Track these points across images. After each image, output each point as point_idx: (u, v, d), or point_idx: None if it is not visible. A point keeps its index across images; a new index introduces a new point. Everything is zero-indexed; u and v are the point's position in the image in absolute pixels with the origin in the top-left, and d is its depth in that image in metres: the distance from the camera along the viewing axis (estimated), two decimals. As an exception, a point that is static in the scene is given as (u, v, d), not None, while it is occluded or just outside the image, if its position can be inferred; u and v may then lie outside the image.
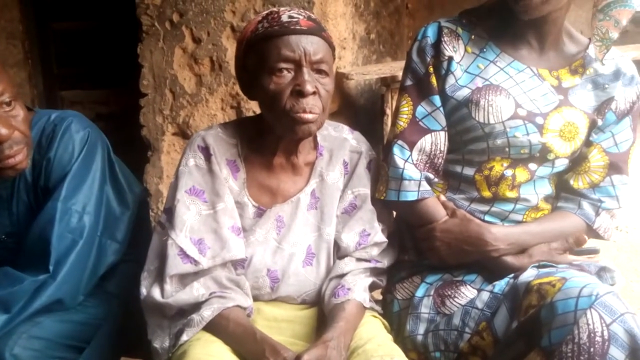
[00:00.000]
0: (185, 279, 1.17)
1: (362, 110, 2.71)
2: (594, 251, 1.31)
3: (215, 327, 1.13)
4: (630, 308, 0.98)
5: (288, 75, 1.15)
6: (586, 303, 0.96)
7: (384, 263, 1.30)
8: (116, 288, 1.46)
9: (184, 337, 1.12)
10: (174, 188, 1.23)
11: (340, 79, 2.46)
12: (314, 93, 1.15)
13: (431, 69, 1.28)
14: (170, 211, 1.21)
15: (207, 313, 1.12)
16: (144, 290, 1.19)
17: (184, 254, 1.16)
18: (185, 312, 1.16)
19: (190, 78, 2.40)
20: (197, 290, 1.16)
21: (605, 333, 0.94)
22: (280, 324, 1.22)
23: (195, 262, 1.16)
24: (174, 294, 1.15)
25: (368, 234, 1.27)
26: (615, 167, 1.29)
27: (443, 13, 1.40)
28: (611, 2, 1.20)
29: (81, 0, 2.93)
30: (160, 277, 1.17)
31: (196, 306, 1.15)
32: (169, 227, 1.19)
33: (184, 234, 1.18)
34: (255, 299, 1.24)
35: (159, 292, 1.16)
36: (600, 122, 1.27)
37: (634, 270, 2.56)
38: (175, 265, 1.16)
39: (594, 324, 0.95)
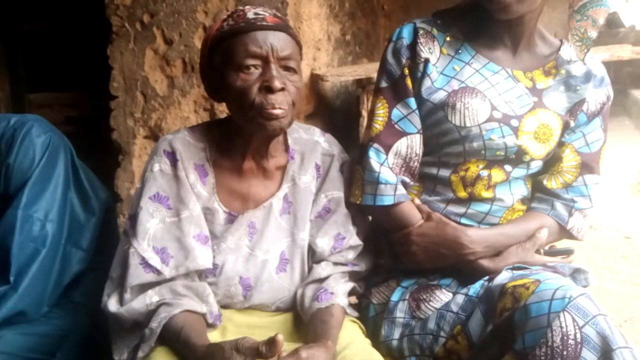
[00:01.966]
0: (146, 289, 1.14)
1: (338, 112, 2.70)
2: (567, 252, 1.31)
3: (169, 338, 1.09)
4: (603, 310, 0.98)
5: (255, 72, 1.13)
6: (559, 306, 0.96)
7: (362, 266, 1.29)
8: (82, 298, 1.42)
9: (140, 354, 1.09)
10: (138, 194, 1.20)
11: (316, 80, 2.44)
12: (282, 89, 1.13)
13: (406, 71, 1.26)
14: (133, 218, 1.17)
15: (155, 325, 1.09)
16: (104, 299, 1.15)
17: (145, 264, 1.13)
18: (142, 324, 1.12)
19: (162, 80, 2.35)
20: (149, 298, 1.12)
21: (578, 336, 0.94)
22: (253, 330, 1.19)
23: (158, 272, 1.13)
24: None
25: (343, 238, 1.26)
26: (587, 167, 1.30)
27: (419, 13, 1.39)
28: (587, 2, 1.21)
29: (48, 1, 2.85)
30: (121, 286, 1.14)
31: (148, 317, 1.11)
32: (131, 235, 1.16)
33: (147, 243, 1.14)
34: (228, 307, 1.21)
35: (117, 301, 1.13)
36: (572, 124, 1.28)
37: (607, 269, 2.60)
38: (137, 275, 1.12)
39: (567, 326, 0.94)
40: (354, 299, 1.35)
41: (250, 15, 1.15)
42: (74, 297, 1.41)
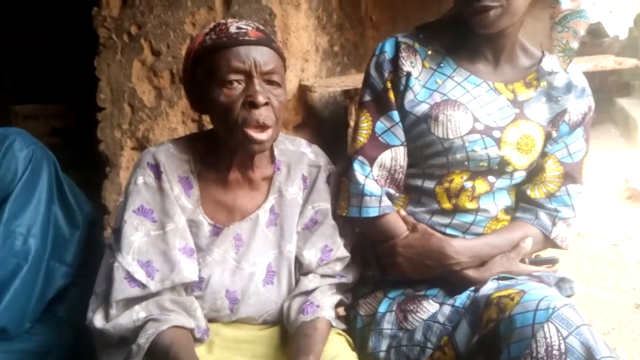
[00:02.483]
0: (131, 304, 1.13)
1: (326, 123, 2.71)
2: (552, 261, 1.32)
3: (157, 355, 1.07)
4: (587, 320, 0.99)
5: (239, 87, 1.13)
6: (543, 316, 0.97)
7: (349, 278, 1.28)
8: (67, 313, 1.41)
9: None
10: (122, 207, 1.19)
11: (304, 91, 2.45)
12: (266, 104, 1.13)
13: (389, 85, 1.28)
14: (118, 232, 1.16)
15: (142, 341, 1.07)
16: (89, 315, 1.14)
17: (130, 278, 1.12)
18: (128, 340, 1.10)
19: (149, 91, 2.35)
20: (136, 313, 1.11)
21: (562, 346, 0.94)
22: (240, 344, 1.19)
23: (143, 286, 1.12)
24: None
25: (330, 250, 1.25)
26: (570, 176, 1.31)
27: (407, 25, 1.41)
28: (568, 15, 1.23)
29: (36, 12, 2.84)
30: (106, 301, 1.12)
31: (135, 332, 1.10)
32: (115, 249, 1.15)
33: (131, 257, 1.13)
34: (214, 320, 1.20)
35: (102, 317, 1.11)
36: (554, 134, 1.29)
37: (595, 276, 2.62)
38: (122, 289, 1.11)
39: (551, 337, 0.95)
40: (341, 311, 1.35)
41: (232, 29, 1.15)
42: (58, 312, 1.39)
